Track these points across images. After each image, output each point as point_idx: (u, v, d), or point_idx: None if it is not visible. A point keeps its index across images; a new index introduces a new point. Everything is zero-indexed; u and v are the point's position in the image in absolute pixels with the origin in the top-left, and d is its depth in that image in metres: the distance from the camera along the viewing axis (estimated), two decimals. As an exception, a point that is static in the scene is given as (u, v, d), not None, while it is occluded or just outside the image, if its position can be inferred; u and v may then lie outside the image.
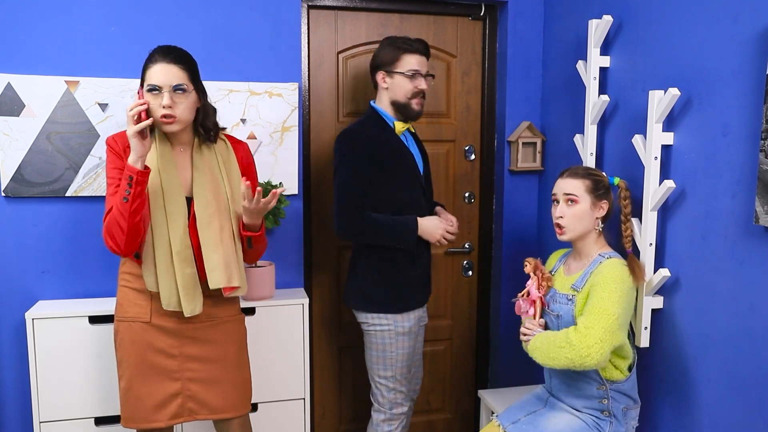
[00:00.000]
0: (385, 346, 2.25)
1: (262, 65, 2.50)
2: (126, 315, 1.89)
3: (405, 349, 2.26)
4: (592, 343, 1.68)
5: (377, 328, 2.24)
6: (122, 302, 1.90)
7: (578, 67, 2.32)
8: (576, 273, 1.91)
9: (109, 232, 1.76)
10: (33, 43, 2.28)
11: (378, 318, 2.23)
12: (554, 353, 1.75)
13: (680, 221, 1.90)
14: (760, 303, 1.63)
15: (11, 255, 2.35)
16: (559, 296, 1.89)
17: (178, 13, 2.39)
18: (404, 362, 2.27)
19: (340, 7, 2.67)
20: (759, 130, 1.60)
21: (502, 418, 1.97)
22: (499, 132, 2.80)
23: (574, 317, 1.82)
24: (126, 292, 1.89)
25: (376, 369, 2.28)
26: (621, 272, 1.79)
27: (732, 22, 1.69)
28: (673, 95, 1.84)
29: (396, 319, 2.23)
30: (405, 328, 2.24)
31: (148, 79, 1.76)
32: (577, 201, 1.86)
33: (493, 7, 2.76)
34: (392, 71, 2.19)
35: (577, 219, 1.86)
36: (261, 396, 2.41)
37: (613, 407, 1.85)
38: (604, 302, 1.73)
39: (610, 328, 1.70)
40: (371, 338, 2.27)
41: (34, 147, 2.30)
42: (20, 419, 2.40)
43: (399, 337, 2.24)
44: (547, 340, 1.80)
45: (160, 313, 1.87)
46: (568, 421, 1.86)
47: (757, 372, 1.64)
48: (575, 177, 1.89)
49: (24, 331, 2.34)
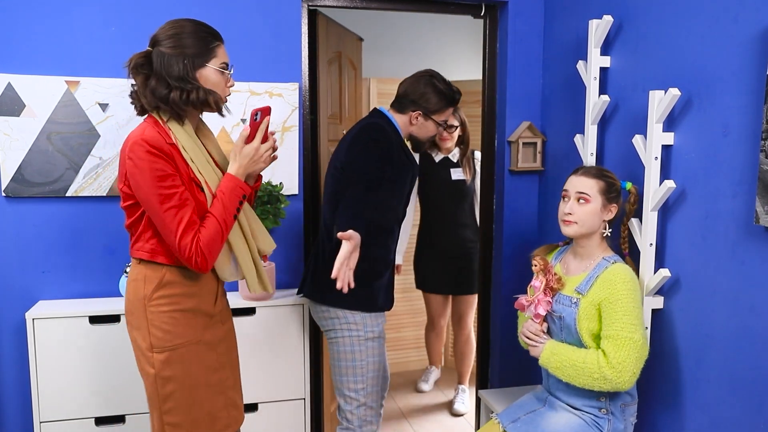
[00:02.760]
0: (354, 353, 2.10)
1: (262, 65, 2.50)
2: (178, 341, 1.67)
3: (375, 357, 2.12)
4: (627, 377, 1.73)
5: (345, 334, 2.10)
6: (171, 329, 1.66)
7: (578, 67, 2.32)
8: (579, 275, 1.90)
9: (210, 249, 1.62)
10: (33, 43, 2.28)
11: (345, 318, 2.09)
12: (584, 380, 1.76)
13: (680, 221, 1.90)
14: (760, 303, 1.62)
15: (11, 255, 2.35)
16: (562, 298, 1.88)
17: (178, 14, 2.38)
18: (376, 372, 2.13)
19: (340, 7, 2.67)
20: (759, 130, 1.60)
21: (502, 417, 1.97)
22: (499, 132, 2.80)
23: (576, 320, 1.82)
24: (175, 317, 1.67)
25: (345, 381, 2.12)
26: (632, 282, 1.80)
27: (732, 22, 1.69)
28: (673, 95, 1.84)
29: (366, 321, 2.10)
30: (374, 332, 2.12)
31: (221, 57, 1.70)
32: (589, 200, 1.86)
33: (493, 7, 2.76)
34: (429, 117, 2.20)
35: (586, 218, 1.87)
36: (261, 396, 2.41)
37: (612, 405, 1.85)
38: (628, 329, 1.74)
39: (640, 355, 1.75)
40: (338, 346, 2.12)
41: (34, 147, 2.30)
42: (20, 419, 2.41)
43: (368, 343, 2.11)
44: (571, 363, 1.79)
45: (205, 326, 1.73)
46: (567, 420, 1.86)
47: (757, 372, 1.64)
48: (590, 176, 1.89)
49: (24, 331, 2.34)
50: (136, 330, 1.69)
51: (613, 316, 1.76)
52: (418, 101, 2.17)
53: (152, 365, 1.66)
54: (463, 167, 3.28)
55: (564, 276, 1.94)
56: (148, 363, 1.67)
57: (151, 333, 1.66)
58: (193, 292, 1.70)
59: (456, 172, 3.28)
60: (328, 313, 2.12)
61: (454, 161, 3.30)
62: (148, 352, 1.66)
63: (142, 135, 1.59)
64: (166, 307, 1.66)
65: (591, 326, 1.81)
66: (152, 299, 1.66)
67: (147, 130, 1.60)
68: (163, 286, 1.66)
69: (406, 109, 2.20)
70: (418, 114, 2.18)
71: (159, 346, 1.66)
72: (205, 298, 1.73)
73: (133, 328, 1.70)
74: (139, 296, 1.67)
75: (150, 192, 1.56)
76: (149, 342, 1.66)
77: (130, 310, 1.70)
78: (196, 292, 1.71)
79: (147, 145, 1.56)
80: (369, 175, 2.00)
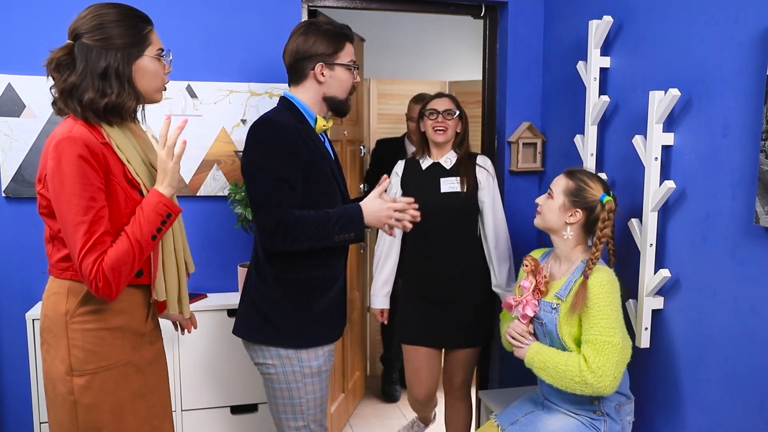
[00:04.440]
0: (291, 391, 1.84)
1: (262, 66, 2.50)
2: (102, 363, 1.48)
3: (316, 392, 1.87)
4: (608, 382, 1.71)
5: (278, 370, 1.83)
6: (96, 349, 1.47)
7: (578, 67, 2.32)
8: (559, 279, 1.89)
9: (115, 273, 1.41)
10: (33, 43, 2.28)
11: (278, 355, 1.82)
12: (565, 383, 1.76)
13: (680, 222, 1.90)
14: (760, 303, 1.62)
15: (11, 255, 2.35)
16: (543, 304, 1.87)
17: (179, 14, 2.39)
18: (318, 408, 1.89)
19: (340, 8, 2.67)
20: (759, 131, 1.60)
21: (501, 419, 1.97)
22: (499, 132, 2.80)
23: (557, 326, 1.82)
24: (101, 336, 1.48)
25: (284, 419, 1.87)
26: (609, 285, 1.76)
27: (732, 22, 1.69)
28: (673, 96, 1.84)
29: (300, 356, 1.83)
30: (313, 368, 1.84)
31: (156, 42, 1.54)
32: (552, 197, 1.87)
33: (493, 8, 2.77)
34: (333, 63, 1.85)
35: (547, 212, 1.87)
36: (261, 396, 2.41)
37: (605, 406, 1.84)
38: (606, 333, 1.72)
39: (620, 358, 1.73)
40: (272, 384, 1.86)
41: (34, 148, 2.30)
42: (20, 419, 2.40)
43: (306, 380, 1.84)
44: (553, 364, 1.78)
45: (133, 346, 1.56)
46: (565, 422, 1.86)
47: (757, 372, 1.64)
48: (564, 175, 1.89)
49: (24, 331, 2.34)
50: (54, 350, 1.48)
51: (591, 320, 1.75)
52: (311, 54, 1.83)
53: (70, 391, 1.46)
54: (460, 176, 2.41)
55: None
56: (65, 388, 1.46)
57: (71, 354, 1.46)
58: (122, 308, 1.51)
59: (447, 183, 2.41)
60: (257, 346, 1.86)
61: (446, 168, 2.43)
62: (66, 375, 1.46)
63: (70, 132, 1.40)
64: (91, 325, 1.47)
65: (572, 331, 1.80)
66: (75, 315, 1.47)
67: (76, 127, 1.43)
68: (88, 301, 1.47)
69: (306, 73, 1.85)
70: (321, 67, 1.83)
71: (79, 368, 1.46)
72: (135, 315, 1.55)
73: (50, 347, 1.49)
74: (60, 312, 1.47)
75: (65, 199, 1.38)
76: (68, 364, 1.46)
77: (47, 327, 1.50)
78: (126, 308, 1.52)
79: (76, 147, 1.38)
80: (277, 193, 1.75)
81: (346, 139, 3.07)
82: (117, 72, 1.46)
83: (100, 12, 1.47)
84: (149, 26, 1.53)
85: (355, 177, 3.24)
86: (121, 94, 1.47)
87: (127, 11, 1.51)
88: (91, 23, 1.46)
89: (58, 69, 1.46)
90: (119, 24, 1.47)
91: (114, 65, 1.45)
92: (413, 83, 4.12)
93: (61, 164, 1.38)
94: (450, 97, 2.46)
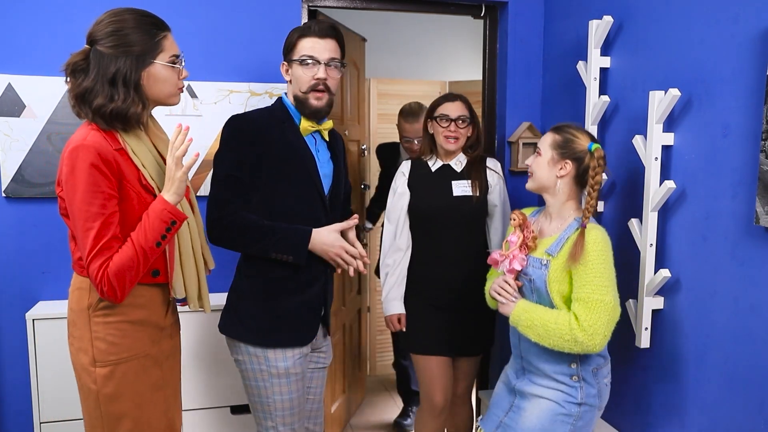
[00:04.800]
0: (259, 389, 1.85)
1: (262, 66, 2.50)
2: (123, 355, 1.55)
3: (285, 395, 1.85)
4: (599, 340, 1.68)
5: (247, 366, 1.86)
6: (117, 341, 1.54)
7: (578, 67, 2.32)
8: (550, 236, 1.84)
9: (120, 278, 1.45)
10: (34, 43, 2.28)
11: (248, 352, 1.84)
12: (554, 341, 1.72)
13: (681, 222, 1.90)
14: (760, 303, 1.63)
15: (11, 255, 2.35)
16: (532, 260, 1.83)
17: (179, 14, 2.39)
18: (287, 411, 1.86)
19: (340, 8, 2.67)
20: (759, 131, 1.60)
21: (485, 424, 1.95)
22: (499, 132, 2.80)
23: (546, 283, 1.77)
24: (122, 329, 1.55)
25: (256, 416, 1.90)
26: (603, 243, 1.73)
27: (732, 22, 1.69)
28: (673, 96, 1.84)
29: (267, 355, 1.82)
30: (280, 368, 1.83)
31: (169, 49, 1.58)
32: (540, 154, 1.85)
33: (493, 8, 2.77)
34: (291, 59, 1.86)
35: (537, 170, 1.85)
36: (261, 396, 2.41)
37: (583, 370, 1.80)
38: (599, 292, 1.69)
39: (611, 317, 1.70)
40: (244, 379, 1.89)
41: (34, 148, 2.30)
42: (20, 419, 2.40)
43: (274, 380, 1.83)
44: (542, 322, 1.73)
45: (152, 339, 1.61)
46: (540, 408, 1.81)
47: (757, 372, 1.64)
48: (550, 131, 1.87)
49: (24, 331, 2.34)
50: (78, 342, 1.55)
51: (583, 278, 1.71)
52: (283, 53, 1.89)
53: (94, 381, 1.52)
54: (471, 179, 2.32)
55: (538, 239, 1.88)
56: (89, 379, 1.53)
57: (94, 346, 1.52)
58: (142, 303, 1.57)
59: (459, 186, 2.32)
60: (231, 340, 1.90)
61: (457, 171, 2.34)
62: (90, 366, 1.53)
63: (84, 140, 1.45)
64: (112, 318, 1.53)
65: (562, 288, 1.76)
66: (97, 309, 1.53)
67: (91, 134, 1.47)
68: None
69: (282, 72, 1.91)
70: (283, 66, 1.89)
71: (102, 360, 1.52)
72: (155, 308, 1.60)
73: (75, 340, 1.57)
74: (83, 306, 1.54)
75: (77, 206, 1.44)
76: (92, 356, 1.53)
77: (73, 320, 1.57)
78: (146, 303, 1.58)
79: (89, 155, 1.43)
80: (224, 189, 1.77)
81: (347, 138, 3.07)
82: (125, 78, 1.49)
83: (115, 19, 1.51)
84: (163, 32, 1.56)
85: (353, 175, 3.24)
86: (126, 100, 1.49)
87: (142, 18, 1.53)
88: (106, 29, 1.49)
89: (74, 73, 1.51)
90: (133, 31, 1.50)
91: (123, 71, 1.48)
92: (413, 83, 4.12)
93: (74, 171, 1.44)
94: (463, 100, 2.31)
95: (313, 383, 2.01)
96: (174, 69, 1.58)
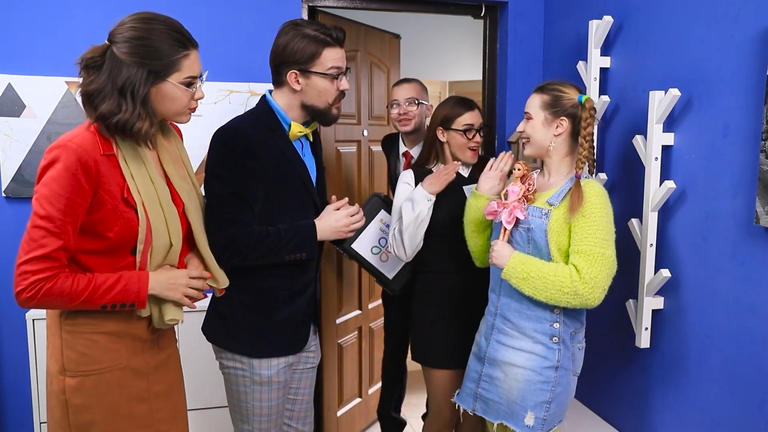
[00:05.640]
0: (239, 394, 1.83)
1: (262, 66, 2.48)
2: (94, 367, 1.46)
3: (264, 402, 1.83)
4: (599, 293, 1.67)
5: (230, 371, 1.83)
6: (88, 352, 1.45)
7: (579, 67, 2.32)
8: (549, 189, 1.81)
9: (50, 301, 1.37)
10: (34, 43, 2.28)
11: (233, 358, 1.81)
12: (551, 294, 1.69)
13: (681, 222, 1.90)
14: (760, 303, 1.63)
15: (11, 255, 2.34)
16: (532, 209, 1.79)
17: (179, 14, 2.37)
18: (265, 418, 1.84)
19: (340, 8, 2.67)
20: (759, 131, 1.60)
21: (461, 399, 1.92)
22: (499, 132, 2.80)
23: (546, 232, 1.74)
24: (94, 340, 1.46)
25: (233, 417, 1.89)
26: (604, 197, 1.72)
27: (732, 22, 1.69)
28: (673, 96, 1.84)
29: (252, 363, 1.80)
30: (263, 377, 1.80)
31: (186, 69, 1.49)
32: (531, 117, 1.83)
33: (493, 8, 2.77)
34: (308, 71, 1.76)
35: (533, 134, 1.82)
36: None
37: (563, 332, 1.77)
38: (600, 245, 1.68)
39: (610, 272, 1.69)
40: (227, 382, 1.87)
41: (34, 148, 2.30)
42: (20, 419, 2.41)
43: (256, 387, 1.81)
44: (540, 275, 1.70)
45: (133, 351, 1.52)
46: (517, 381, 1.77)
47: (757, 372, 1.64)
48: (536, 92, 1.84)
49: (24, 331, 2.34)
50: (51, 348, 1.49)
51: (585, 230, 1.69)
52: (285, 60, 1.75)
53: (62, 390, 1.45)
54: None
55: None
56: (58, 387, 1.46)
57: (64, 354, 1.45)
58: (116, 314, 1.48)
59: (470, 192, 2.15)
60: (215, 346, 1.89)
61: (465, 176, 2.21)
62: (59, 375, 1.45)
63: (68, 142, 1.37)
64: (83, 328, 1.45)
65: (560, 240, 1.73)
66: (69, 317, 1.45)
67: (80, 136, 1.39)
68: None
69: (282, 79, 1.78)
70: (293, 75, 1.76)
71: (71, 369, 1.45)
72: (132, 321, 1.50)
73: (48, 345, 1.50)
74: (56, 312, 1.47)
75: (38, 203, 1.36)
76: (61, 364, 1.45)
77: (48, 324, 1.51)
78: (125, 315, 1.49)
79: (66, 157, 1.35)
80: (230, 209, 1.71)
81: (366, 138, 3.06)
82: (133, 90, 1.40)
83: (140, 26, 1.42)
84: (186, 51, 1.47)
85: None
86: (133, 113, 1.40)
87: (169, 33, 1.45)
88: (126, 33, 1.41)
89: (87, 69, 1.42)
90: (155, 44, 1.42)
91: (132, 81, 1.40)
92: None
93: (47, 169, 1.36)
94: (478, 107, 2.19)
95: (302, 384, 1.97)
96: (188, 90, 1.49)
